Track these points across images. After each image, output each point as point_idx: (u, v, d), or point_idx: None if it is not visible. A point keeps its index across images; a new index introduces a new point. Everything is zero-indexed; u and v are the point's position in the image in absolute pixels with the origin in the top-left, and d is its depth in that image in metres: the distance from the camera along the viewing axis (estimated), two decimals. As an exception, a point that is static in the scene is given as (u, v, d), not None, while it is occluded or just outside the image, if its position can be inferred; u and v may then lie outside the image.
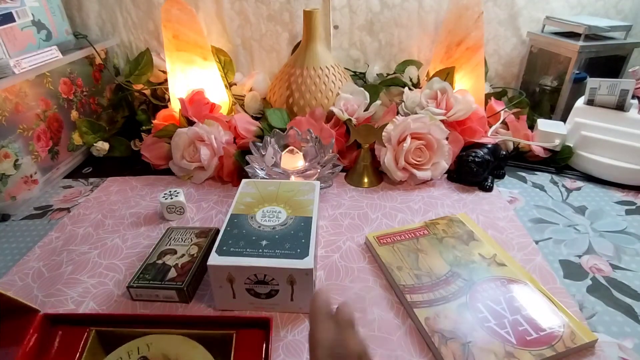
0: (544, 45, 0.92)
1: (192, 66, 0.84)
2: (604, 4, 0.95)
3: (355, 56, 0.99)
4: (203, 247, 0.56)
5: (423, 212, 0.68)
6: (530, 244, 0.60)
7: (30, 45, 0.76)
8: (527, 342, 0.42)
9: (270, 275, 0.46)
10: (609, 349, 0.44)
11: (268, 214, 0.53)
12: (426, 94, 0.81)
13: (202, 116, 0.80)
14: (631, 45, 0.87)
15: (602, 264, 0.56)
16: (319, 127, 0.77)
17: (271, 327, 0.44)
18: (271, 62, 0.99)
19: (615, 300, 0.50)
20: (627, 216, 0.66)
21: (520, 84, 1.00)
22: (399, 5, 0.93)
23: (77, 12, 0.98)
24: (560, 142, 0.80)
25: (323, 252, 0.59)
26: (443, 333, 0.44)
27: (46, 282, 0.54)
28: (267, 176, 0.69)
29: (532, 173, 0.79)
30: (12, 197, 0.70)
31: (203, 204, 0.71)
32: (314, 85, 0.82)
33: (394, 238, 0.58)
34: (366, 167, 0.76)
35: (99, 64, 0.93)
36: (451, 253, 0.55)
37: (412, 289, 0.49)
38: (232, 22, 0.95)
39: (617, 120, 0.76)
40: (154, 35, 0.99)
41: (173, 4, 0.78)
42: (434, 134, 0.73)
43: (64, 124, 0.82)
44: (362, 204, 0.70)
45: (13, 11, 0.72)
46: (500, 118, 0.85)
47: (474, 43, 0.83)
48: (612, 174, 0.74)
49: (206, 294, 0.51)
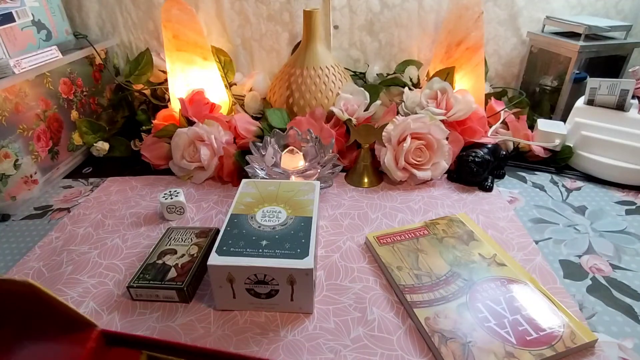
0: (544, 45, 0.92)
1: (192, 66, 0.84)
2: (604, 4, 0.95)
3: (355, 56, 0.99)
4: (203, 247, 0.56)
5: (423, 212, 0.68)
6: (530, 244, 0.60)
7: (30, 45, 0.76)
8: (527, 342, 0.42)
9: (270, 275, 0.46)
10: (609, 349, 0.44)
11: (268, 214, 0.53)
12: (426, 94, 0.81)
13: (202, 116, 0.80)
14: (631, 45, 0.87)
15: (602, 264, 0.56)
16: (319, 127, 0.78)
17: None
18: (271, 62, 0.99)
19: (615, 300, 0.50)
20: (627, 216, 0.66)
21: (520, 84, 1.00)
22: (399, 5, 0.93)
23: (77, 12, 0.98)
24: (560, 142, 0.80)
25: (323, 252, 0.59)
26: (443, 333, 0.44)
27: (46, 282, 0.54)
28: (267, 176, 0.69)
29: (532, 173, 0.79)
30: (12, 197, 0.70)
31: (203, 204, 0.71)
32: (314, 85, 0.82)
33: (394, 238, 0.58)
34: (366, 167, 0.76)
35: (99, 64, 0.93)
36: (451, 253, 0.55)
37: (412, 289, 0.49)
38: (232, 22, 0.95)
39: (617, 120, 0.76)
40: (154, 35, 0.99)
41: (173, 4, 0.78)
42: (434, 134, 0.73)
43: (64, 124, 0.82)
44: (362, 204, 0.70)
45: (13, 11, 0.72)
46: (500, 118, 0.85)
47: (474, 43, 0.83)
48: (612, 174, 0.74)
49: (206, 294, 0.51)
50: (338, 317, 0.48)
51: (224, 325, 0.47)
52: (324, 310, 0.49)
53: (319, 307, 0.50)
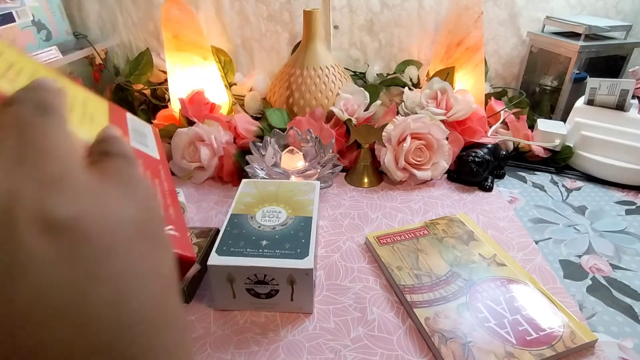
0: (544, 45, 0.92)
1: (192, 66, 0.84)
2: (604, 4, 0.95)
3: (355, 56, 0.99)
4: (203, 247, 0.56)
5: (423, 212, 0.68)
6: (530, 244, 0.60)
7: (30, 45, 0.76)
8: (527, 342, 0.42)
9: (270, 275, 0.46)
10: (609, 349, 0.44)
11: (268, 214, 0.53)
12: (426, 94, 0.81)
13: (202, 116, 0.80)
14: (631, 45, 0.87)
15: (602, 264, 0.56)
16: (319, 127, 0.78)
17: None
18: (271, 62, 0.99)
19: (615, 300, 0.50)
20: (627, 216, 0.66)
21: (520, 84, 1.00)
22: (399, 5, 0.93)
23: (77, 12, 0.98)
24: (560, 142, 0.80)
25: (323, 252, 0.59)
26: (443, 333, 0.44)
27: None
28: (267, 176, 0.69)
29: (532, 173, 0.79)
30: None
31: (203, 204, 0.71)
32: (314, 85, 0.82)
33: (394, 238, 0.58)
34: (366, 167, 0.76)
35: (99, 64, 0.93)
36: (451, 253, 0.55)
37: (412, 289, 0.49)
38: (232, 22, 0.95)
39: (617, 120, 0.76)
40: (154, 35, 0.99)
41: (173, 4, 0.78)
42: (434, 134, 0.73)
43: (64, 124, 0.82)
44: (362, 204, 0.70)
45: (13, 11, 0.72)
46: (500, 118, 0.85)
47: (474, 43, 0.83)
48: (612, 174, 0.74)
49: (206, 294, 0.51)
50: (338, 317, 0.48)
51: (224, 325, 0.47)
52: (324, 310, 0.49)
53: (319, 307, 0.50)
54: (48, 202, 0.13)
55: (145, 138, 0.27)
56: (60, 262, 0.13)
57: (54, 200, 0.14)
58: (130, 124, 0.27)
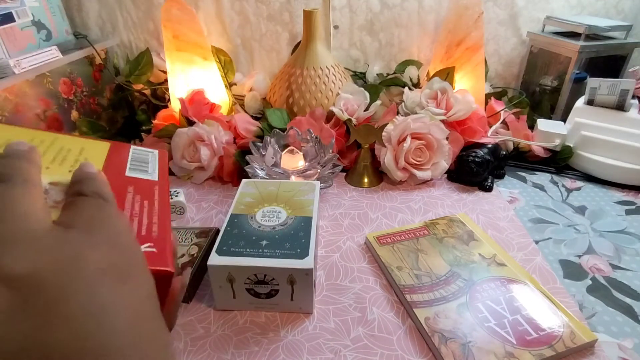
0: (544, 45, 0.92)
1: (192, 66, 0.84)
2: (604, 4, 0.95)
3: (355, 56, 0.99)
4: (203, 247, 0.56)
5: (423, 212, 0.68)
6: (530, 244, 0.60)
7: (30, 45, 0.76)
8: (527, 342, 0.42)
9: (270, 275, 0.46)
10: (609, 349, 0.44)
11: (268, 214, 0.53)
12: (426, 94, 0.81)
13: (202, 116, 0.80)
14: (631, 45, 0.87)
15: (602, 264, 0.56)
16: (319, 127, 0.78)
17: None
18: (271, 62, 0.99)
19: (615, 300, 0.50)
20: (627, 216, 0.66)
21: (520, 84, 1.00)
22: (399, 5, 0.93)
23: (77, 12, 0.98)
24: (560, 142, 0.80)
25: (323, 252, 0.59)
26: (443, 333, 0.44)
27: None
28: (267, 176, 0.69)
29: (532, 173, 0.79)
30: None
31: (203, 204, 0.71)
32: (314, 85, 0.82)
33: (394, 238, 0.58)
34: (366, 167, 0.76)
35: (99, 64, 0.93)
36: (451, 253, 0.55)
37: (412, 289, 0.49)
38: (232, 22, 0.95)
39: (617, 120, 0.76)
40: (154, 35, 0.99)
41: (173, 4, 0.78)
42: (434, 134, 0.73)
43: (64, 124, 0.82)
44: (362, 204, 0.70)
45: (13, 11, 0.72)
46: (500, 118, 0.85)
47: (474, 43, 0.83)
48: (612, 174, 0.74)
49: (206, 294, 0.51)
50: (338, 317, 0.48)
51: (224, 325, 0.47)
52: (324, 310, 0.49)
53: (319, 307, 0.50)
54: (1, 260, 0.15)
55: (146, 164, 0.30)
56: (12, 312, 0.14)
57: (6, 258, 0.15)
58: (132, 155, 0.30)
